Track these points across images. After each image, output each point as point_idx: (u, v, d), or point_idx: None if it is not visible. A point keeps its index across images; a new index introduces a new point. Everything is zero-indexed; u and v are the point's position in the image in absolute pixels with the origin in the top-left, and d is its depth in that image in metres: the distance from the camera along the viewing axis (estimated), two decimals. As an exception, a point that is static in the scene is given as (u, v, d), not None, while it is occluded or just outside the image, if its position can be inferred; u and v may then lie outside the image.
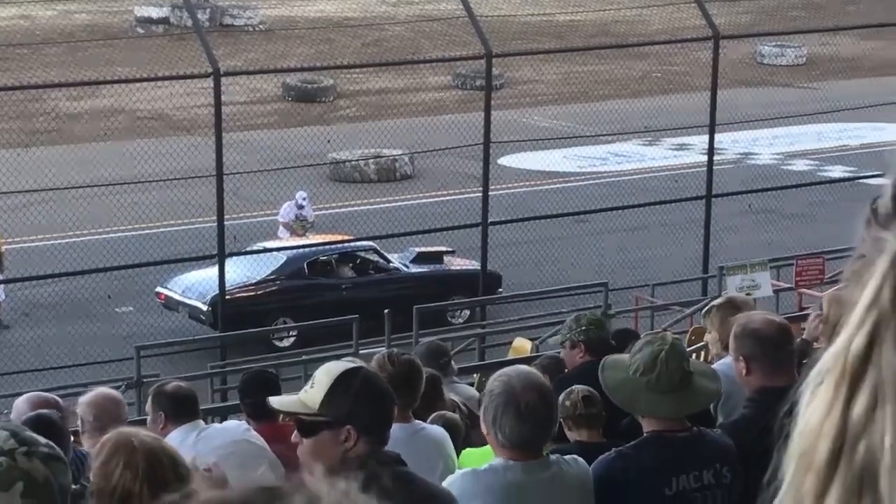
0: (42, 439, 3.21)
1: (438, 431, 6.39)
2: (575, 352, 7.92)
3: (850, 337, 0.98)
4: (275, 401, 4.74)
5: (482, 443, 6.65)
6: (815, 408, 1.01)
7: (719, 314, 7.38)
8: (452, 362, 9.51)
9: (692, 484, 5.23)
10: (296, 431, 4.36)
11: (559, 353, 8.78)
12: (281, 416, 7.39)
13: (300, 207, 23.38)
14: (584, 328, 7.87)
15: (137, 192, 24.10)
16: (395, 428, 5.98)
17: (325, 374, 4.35)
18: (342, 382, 4.29)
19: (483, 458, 6.39)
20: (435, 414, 7.45)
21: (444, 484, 5.00)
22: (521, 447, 4.90)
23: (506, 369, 5.18)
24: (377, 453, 4.28)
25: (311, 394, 4.32)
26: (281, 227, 23.55)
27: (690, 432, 5.35)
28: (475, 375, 14.01)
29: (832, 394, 1.00)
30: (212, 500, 1.00)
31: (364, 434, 4.26)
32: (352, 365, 4.52)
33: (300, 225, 23.25)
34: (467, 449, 6.98)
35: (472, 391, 9.73)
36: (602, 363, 5.63)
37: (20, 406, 7.24)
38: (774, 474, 1.05)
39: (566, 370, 8.17)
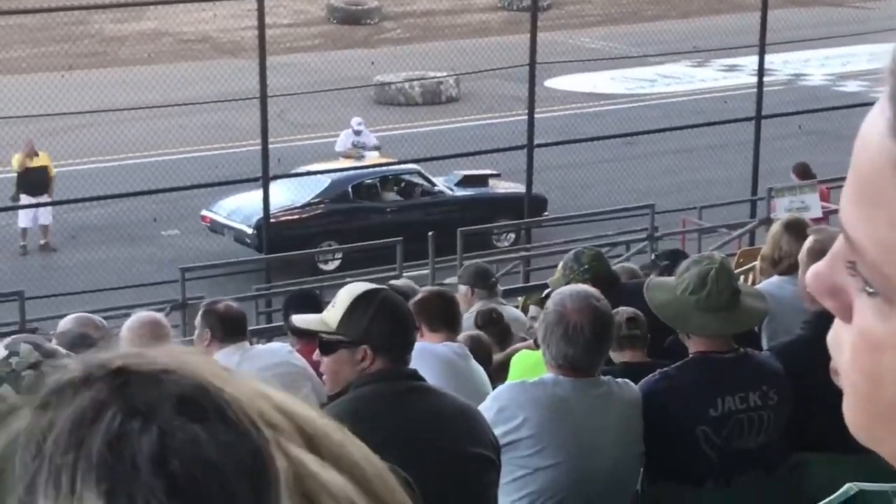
0: (64, 351, 3.18)
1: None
2: None
3: None
4: (297, 319, 4.81)
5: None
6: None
7: (785, 234, 7.22)
8: (498, 284, 9.55)
9: (738, 405, 5.16)
10: (317, 349, 4.40)
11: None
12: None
13: (357, 133, 23.09)
14: (586, 266, 7.76)
15: (182, 116, 24.08)
16: (443, 348, 6.01)
17: (345, 295, 4.38)
18: (360, 303, 4.31)
19: (532, 360, 6.35)
20: (464, 334, 7.47)
21: (492, 394, 5.01)
22: (567, 367, 4.88)
23: (565, 288, 5.13)
24: (391, 370, 4.28)
25: (332, 313, 4.36)
26: (341, 160, 23.19)
27: (737, 353, 5.27)
28: (519, 298, 13.95)
29: None
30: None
31: (380, 354, 4.26)
32: (373, 286, 4.52)
33: (356, 153, 22.89)
34: (523, 350, 6.99)
35: (518, 313, 9.73)
36: (647, 283, 5.57)
37: (64, 325, 7.32)
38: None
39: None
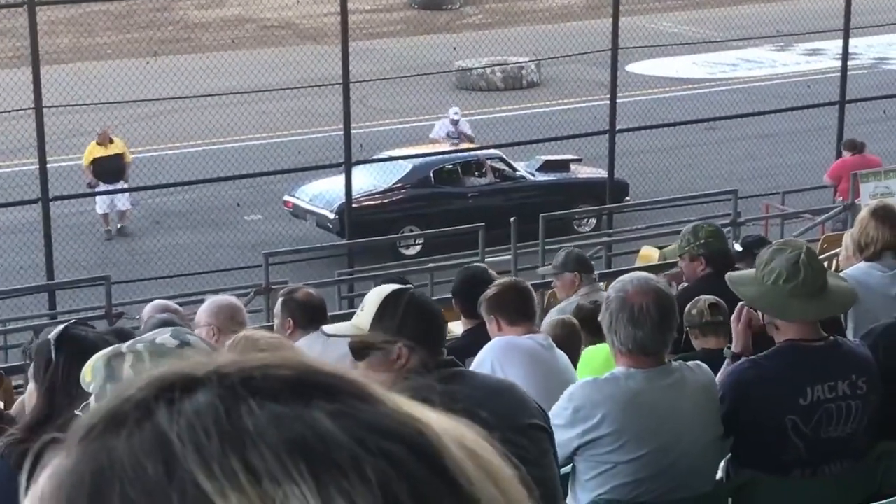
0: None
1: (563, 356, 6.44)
2: (695, 264, 7.80)
3: None
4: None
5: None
6: None
7: (872, 219, 7.14)
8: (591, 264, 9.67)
9: (827, 394, 5.12)
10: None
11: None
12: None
13: (454, 123, 22.91)
14: (703, 241, 7.74)
15: (265, 101, 24.24)
16: (525, 340, 6.01)
17: (374, 297, 4.43)
18: (389, 303, 4.36)
19: (601, 356, 6.35)
20: (555, 319, 7.44)
21: (566, 393, 4.99)
22: (637, 352, 4.86)
23: (624, 276, 5.13)
24: (429, 363, 4.31)
25: (362, 317, 4.40)
26: (426, 145, 23.03)
27: (826, 342, 5.23)
28: (601, 284, 13.91)
29: None
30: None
31: (416, 350, 4.31)
32: (398, 286, 4.57)
33: (451, 143, 22.69)
34: (589, 348, 6.96)
35: None
36: (729, 280, 5.51)
37: (147, 312, 7.49)
38: None
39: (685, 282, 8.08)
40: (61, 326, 4.21)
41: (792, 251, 5.31)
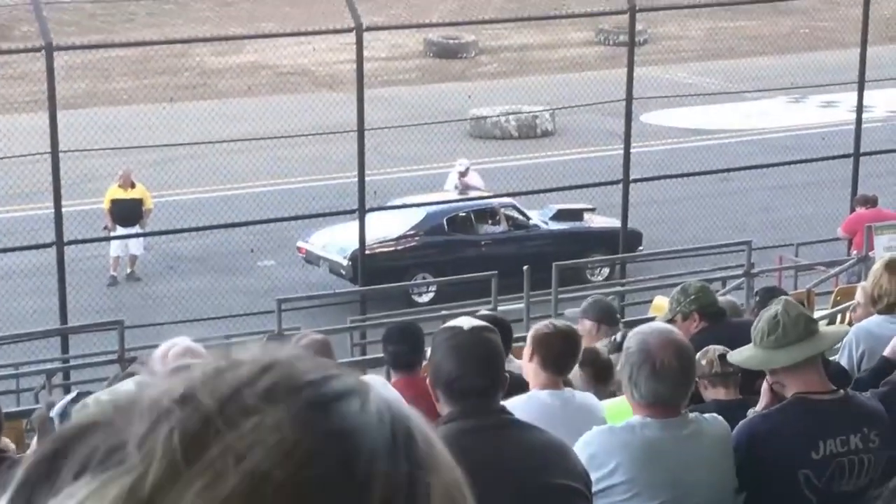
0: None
1: (588, 398, 6.31)
2: (688, 322, 7.83)
3: None
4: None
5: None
6: None
7: (885, 272, 7.14)
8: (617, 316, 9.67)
9: (839, 448, 5.11)
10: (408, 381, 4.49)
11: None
12: (419, 369, 7.42)
13: (461, 175, 22.83)
14: (693, 297, 7.81)
15: (280, 148, 24.31)
16: (545, 395, 5.93)
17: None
18: (434, 340, 4.39)
19: (618, 409, 6.31)
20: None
21: (581, 440, 4.96)
22: (656, 405, 4.86)
23: (642, 326, 5.13)
24: (477, 406, 4.29)
25: None
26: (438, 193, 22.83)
27: (837, 395, 5.22)
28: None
29: None
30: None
31: (447, 394, 4.32)
32: (453, 325, 4.54)
33: (461, 194, 22.49)
34: (614, 400, 6.92)
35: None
36: (729, 354, 5.60)
37: (163, 356, 7.39)
38: None
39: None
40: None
41: (773, 308, 5.40)
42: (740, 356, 5.48)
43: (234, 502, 0.88)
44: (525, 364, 6.28)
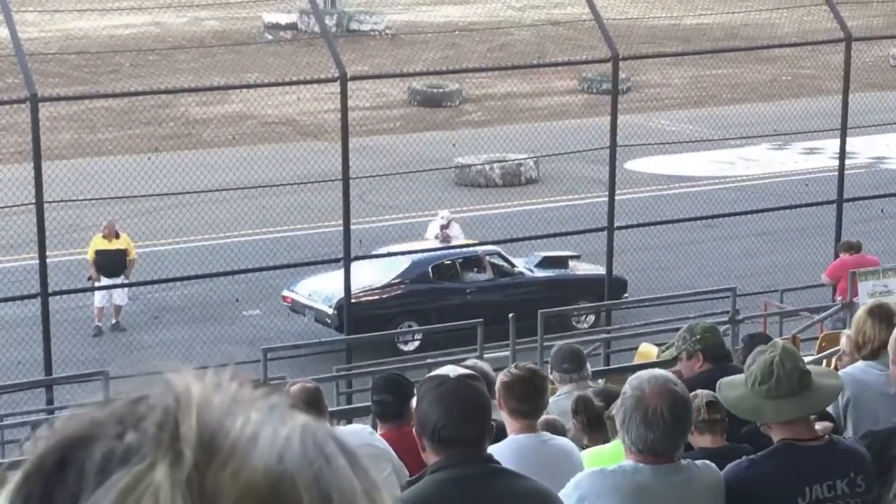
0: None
1: (565, 442, 6.32)
2: (692, 361, 7.84)
3: None
4: None
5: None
6: None
7: (869, 318, 7.14)
8: (587, 365, 9.45)
9: (825, 493, 5.11)
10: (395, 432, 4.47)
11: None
12: (406, 420, 7.40)
13: (443, 228, 22.78)
14: (699, 336, 7.82)
15: (265, 197, 24.34)
16: (522, 438, 5.94)
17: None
18: (420, 389, 4.38)
19: (598, 455, 6.30)
20: (542, 419, 7.40)
21: (572, 481, 4.95)
22: (646, 453, 4.83)
23: (643, 372, 5.11)
24: (466, 455, 4.29)
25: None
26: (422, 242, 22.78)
27: (822, 440, 5.23)
28: (600, 381, 13.88)
29: None
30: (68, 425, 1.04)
31: (434, 443, 4.31)
32: (439, 373, 4.54)
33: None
34: (594, 448, 6.91)
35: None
36: (718, 385, 5.59)
37: None
38: None
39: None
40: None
41: (769, 353, 5.34)
42: (731, 393, 5.41)
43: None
44: (501, 413, 6.30)
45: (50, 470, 1.00)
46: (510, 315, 16.01)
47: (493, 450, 5.26)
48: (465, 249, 21.78)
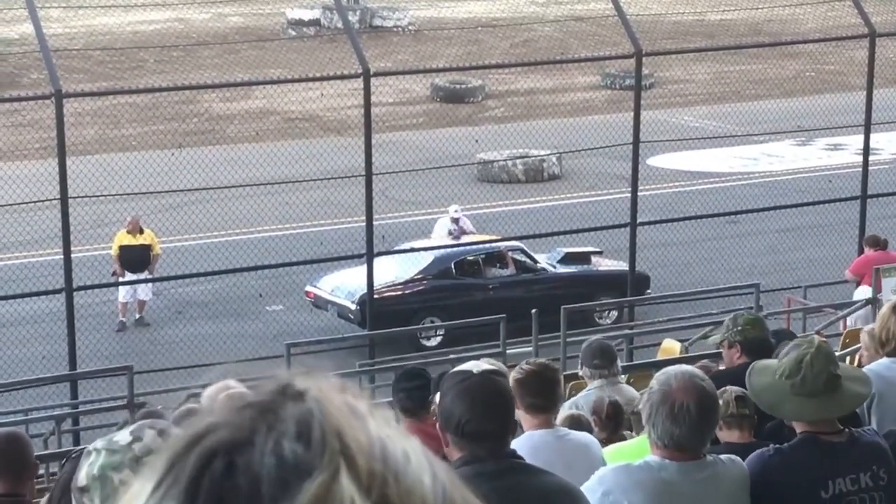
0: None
1: (584, 437, 6.32)
2: (732, 352, 7.72)
3: None
4: None
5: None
6: None
7: (893, 315, 7.09)
8: (618, 361, 9.42)
9: (849, 487, 5.10)
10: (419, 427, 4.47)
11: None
12: (429, 413, 7.42)
13: (454, 222, 22.79)
14: (740, 328, 7.65)
15: (288, 193, 24.38)
16: (538, 434, 5.94)
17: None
18: (443, 384, 4.38)
19: (619, 451, 6.29)
20: (567, 414, 7.40)
21: (596, 475, 4.95)
22: (672, 447, 4.82)
23: (670, 367, 5.10)
24: (490, 450, 4.31)
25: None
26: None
27: (844, 435, 5.22)
28: (623, 377, 13.87)
29: None
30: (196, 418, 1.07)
31: (457, 438, 4.33)
32: (463, 369, 4.54)
33: (453, 239, 22.40)
34: (618, 444, 6.91)
35: (634, 392, 9.41)
36: (751, 367, 5.52)
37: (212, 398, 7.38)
38: None
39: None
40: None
41: (804, 349, 5.30)
42: (759, 380, 5.36)
43: None
44: (517, 411, 6.31)
45: (219, 475, 1.01)
46: (533, 311, 16.02)
47: (512, 445, 5.28)
48: (487, 245, 21.78)
